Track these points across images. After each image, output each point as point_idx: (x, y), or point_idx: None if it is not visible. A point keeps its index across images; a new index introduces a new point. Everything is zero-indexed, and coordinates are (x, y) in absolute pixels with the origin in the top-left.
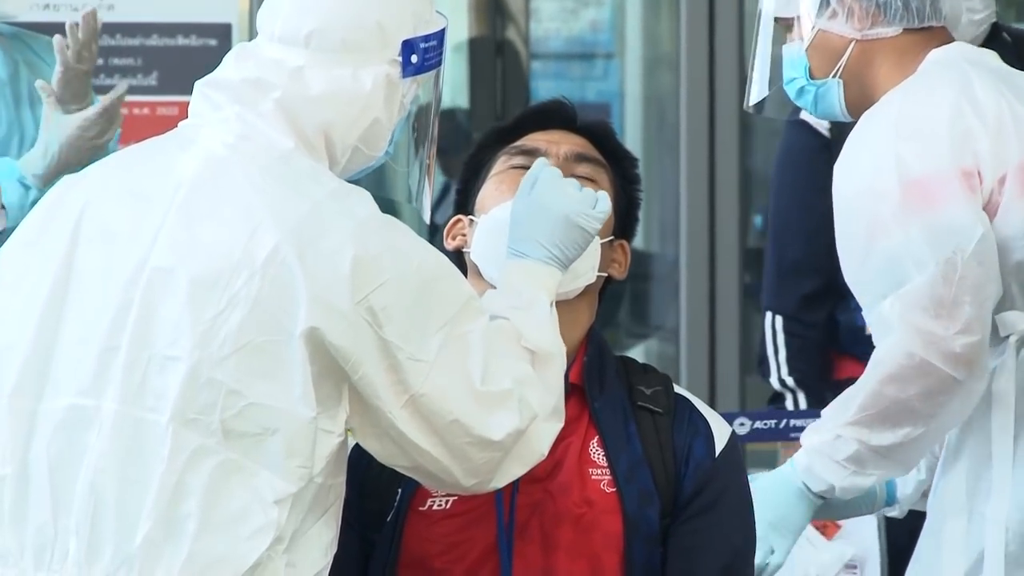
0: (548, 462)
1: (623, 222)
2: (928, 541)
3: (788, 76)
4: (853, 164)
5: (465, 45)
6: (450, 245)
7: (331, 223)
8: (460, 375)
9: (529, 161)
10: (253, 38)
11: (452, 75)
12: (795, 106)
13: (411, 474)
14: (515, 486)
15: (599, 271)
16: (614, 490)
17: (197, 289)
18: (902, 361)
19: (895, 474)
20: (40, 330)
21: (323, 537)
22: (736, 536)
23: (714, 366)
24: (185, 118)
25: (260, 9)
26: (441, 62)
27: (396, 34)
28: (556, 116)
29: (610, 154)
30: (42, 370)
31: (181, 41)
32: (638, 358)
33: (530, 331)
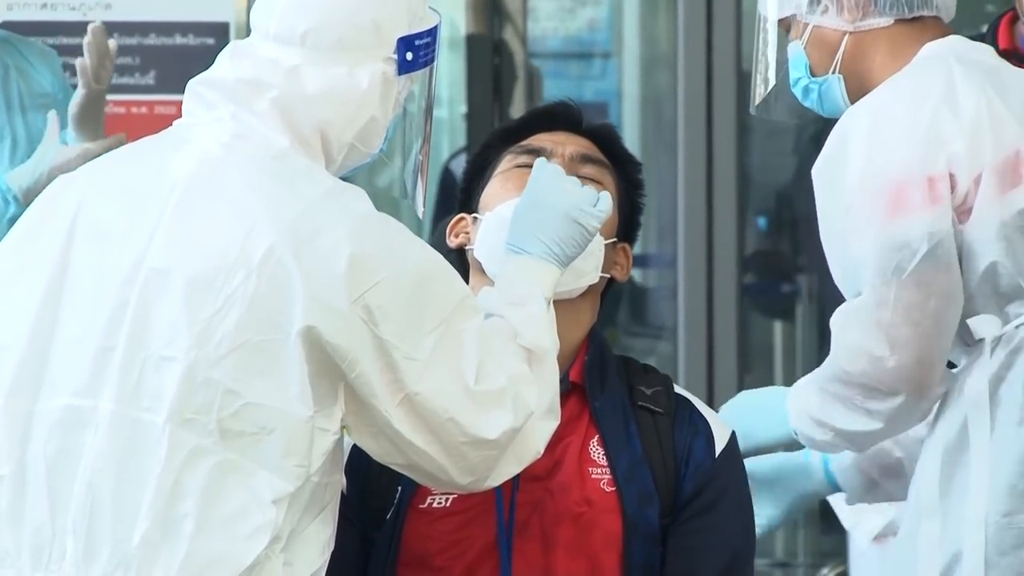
0: (548, 461)
1: (626, 225)
2: (903, 543)
3: (794, 77)
4: (828, 165)
5: (462, 44)
6: (453, 243)
7: (327, 221)
8: (455, 374)
9: (534, 160)
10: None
11: (449, 74)
12: (800, 108)
13: (406, 472)
14: (515, 484)
15: (601, 272)
16: (614, 489)
17: (193, 289)
18: (839, 375)
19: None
20: (36, 330)
21: (320, 535)
22: (736, 537)
23: (712, 366)
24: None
25: (254, 7)
26: (435, 58)
27: (391, 32)
28: (562, 118)
29: (615, 158)
30: (38, 370)
31: (179, 40)
32: (635, 357)
33: (525, 328)
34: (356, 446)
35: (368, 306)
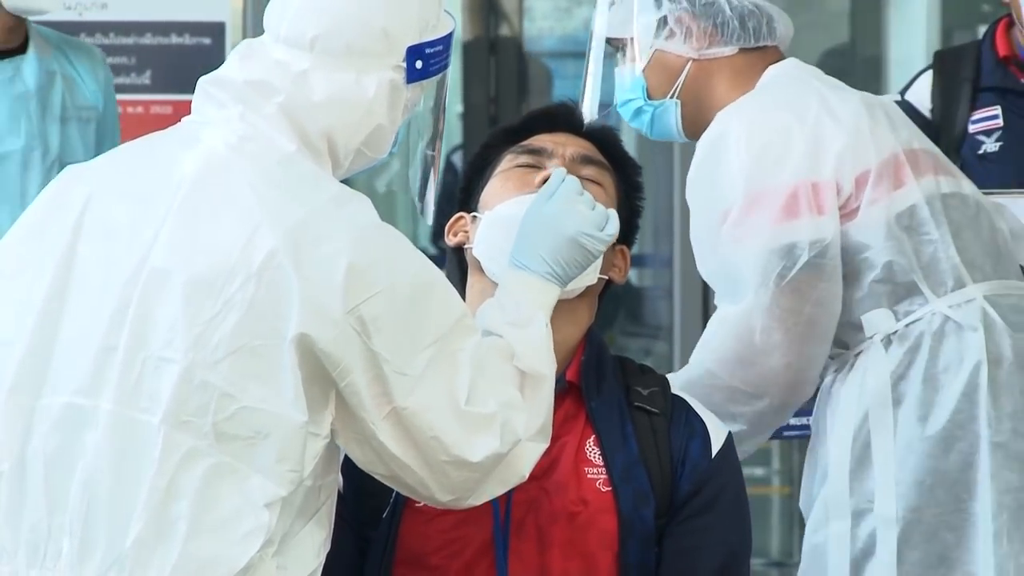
0: (544, 460)
1: (624, 228)
2: (812, 540)
3: (622, 98)
4: (700, 173)
5: (459, 44)
6: (451, 241)
7: (329, 229)
8: (445, 393)
9: (535, 160)
10: (246, 37)
11: None
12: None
13: (388, 483)
14: None
15: (600, 273)
16: (609, 489)
17: (193, 291)
18: (703, 377)
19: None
20: (40, 326)
21: (315, 538)
22: (732, 537)
23: None
24: (180, 117)
25: (268, 7)
26: (447, 66)
27: (401, 40)
28: (563, 119)
29: (615, 160)
30: (41, 367)
31: (175, 40)
32: (632, 357)
33: (524, 351)
34: None
35: (362, 317)
